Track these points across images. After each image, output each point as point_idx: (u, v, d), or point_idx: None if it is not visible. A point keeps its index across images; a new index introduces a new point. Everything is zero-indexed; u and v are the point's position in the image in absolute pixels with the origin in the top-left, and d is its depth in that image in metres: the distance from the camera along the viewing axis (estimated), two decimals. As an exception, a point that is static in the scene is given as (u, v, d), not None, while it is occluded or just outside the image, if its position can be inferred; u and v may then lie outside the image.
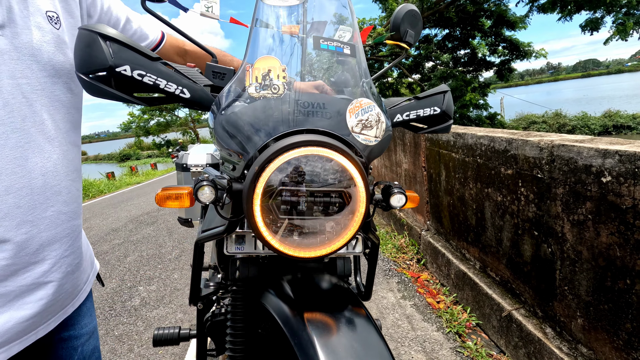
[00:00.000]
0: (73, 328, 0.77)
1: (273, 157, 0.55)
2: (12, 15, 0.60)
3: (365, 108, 0.63)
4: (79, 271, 0.74)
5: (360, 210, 0.59)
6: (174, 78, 0.68)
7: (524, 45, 13.20)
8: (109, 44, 0.64)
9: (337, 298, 0.69)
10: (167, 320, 2.43)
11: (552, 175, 1.41)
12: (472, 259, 2.18)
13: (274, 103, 0.59)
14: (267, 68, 0.60)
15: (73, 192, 0.71)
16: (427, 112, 0.87)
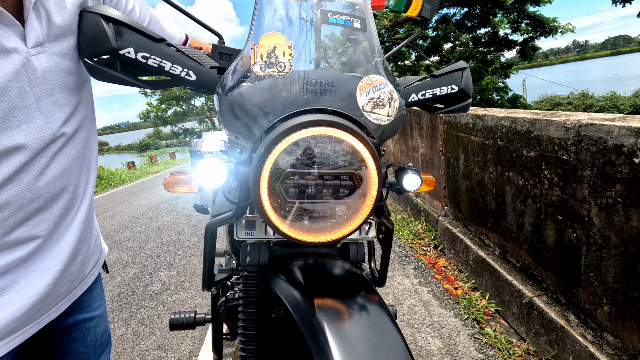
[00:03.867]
0: (85, 311, 0.80)
1: (280, 139, 0.52)
2: (52, 28, 0.60)
3: (377, 85, 0.59)
4: (85, 255, 0.75)
5: (372, 193, 0.57)
6: (179, 60, 0.66)
7: (549, 21, 12.53)
8: (112, 26, 0.62)
9: (349, 284, 0.67)
10: (186, 305, 2.49)
11: (578, 156, 1.33)
12: (492, 245, 2.12)
13: (280, 82, 0.56)
14: (272, 45, 0.57)
15: (82, 186, 0.72)
16: (444, 91, 0.82)
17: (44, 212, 0.63)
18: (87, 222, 0.74)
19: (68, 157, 0.66)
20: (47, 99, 0.60)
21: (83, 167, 0.71)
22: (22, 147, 0.56)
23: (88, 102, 0.72)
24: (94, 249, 0.79)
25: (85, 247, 0.74)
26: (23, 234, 0.61)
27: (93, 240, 0.79)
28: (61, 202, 0.66)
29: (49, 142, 0.61)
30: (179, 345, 2.05)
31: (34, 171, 0.60)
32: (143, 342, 2.12)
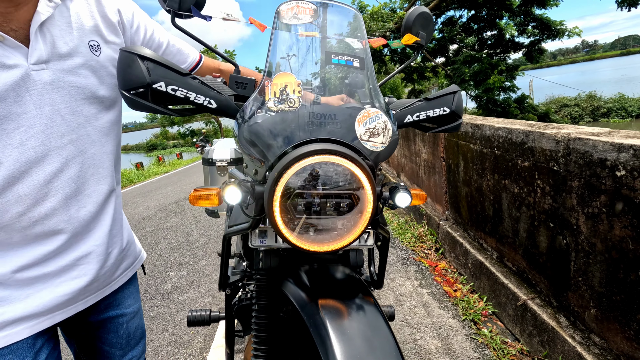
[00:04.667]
0: (118, 308, 0.92)
1: (290, 165, 0.62)
2: (56, 49, 0.70)
3: (373, 117, 0.69)
4: (115, 261, 0.86)
5: (368, 210, 0.66)
6: (202, 90, 0.77)
7: (555, 24, 12.50)
8: (146, 63, 0.73)
9: (349, 287, 0.77)
10: (197, 303, 2.60)
11: (567, 168, 1.42)
12: (489, 249, 2.20)
13: (291, 116, 0.66)
14: (284, 83, 0.68)
15: (106, 192, 0.82)
16: (437, 113, 0.92)
17: (61, 212, 0.72)
18: (113, 228, 0.84)
19: (82, 162, 0.75)
20: (49, 108, 0.69)
21: (100, 174, 0.79)
22: (22, 148, 0.66)
23: (104, 113, 0.80)
24: (125, 253, 0.90)
25: (115, 251, 0.85)
26: (43, 229, 0.71)
27: (124, 245, 0.90)
28: (79, 204, 0.76)
29: (54, 147, 0.70)
30: (190, 342, 2.16)
31: (43, 172, 0.69)
32: (157, 338, 2.24)
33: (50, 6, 0.69)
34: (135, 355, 0.97)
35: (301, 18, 0.73)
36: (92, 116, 0.77)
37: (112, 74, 0.80)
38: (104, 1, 0.79)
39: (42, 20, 0.67)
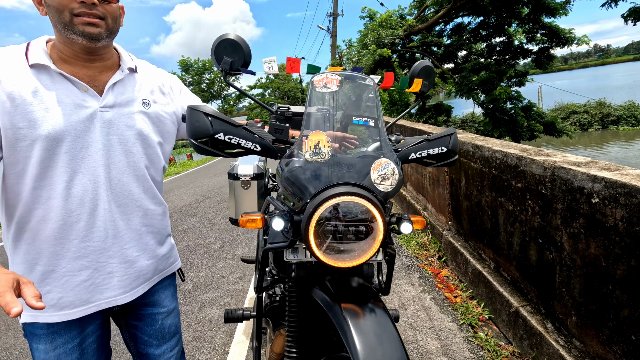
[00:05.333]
0: (155, 307, 1.14)
1: (323, 202, 0.84)
2: (118, 100, 0.99)
3: (384, 165, 0.90)
4: (147, 266, 1.08)
5: (380, 236, 0.88)
6: (250, 137, 1.00)
7: (564, 32, 12.56)
8: (209, 119, 0.96)
9: (363, 294, 0.99)
10: (217, 303, 2.83)
11: (553, 192, 1.62)
12: (488, 259, 2.40)
13: (322, 165, 0.88)
14: (317, 140, 0.89)
15: (151, 209, 1.07)
16: (436, 151, 1.13)
17: (95, 221, 0.96)
18: (120, 233, 1.01)
19: (119, 180, 0.99)
20: (105, 137, 0.96)
21: (122, 192, 1.00)
22: (88, 159, 0.93)
23: (144, 147, 1.04)
24: (157, 261, 1.11)
25: (144, 256, 1.06)
26: (78, 234, 0.94)
27: (157, 252, 1.11)
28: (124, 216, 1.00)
29: (106, 164, 0.96)
30: (213, 337, 2.39)
31: (97, 180, 0.95)
32: (182, 333, 2.47)
33: (122, 75, 1.01)
34: (169, 347, 1.17)
35: (329, 87, 0.95)
36: (133, 147, 1.02)
37: (154, 122, 1.07)
38: (161, 78, 1.13)
39: (114, 82, 0.98)
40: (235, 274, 3.32)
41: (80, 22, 0.87)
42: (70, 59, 0.93)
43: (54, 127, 0.88)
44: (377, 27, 11.74)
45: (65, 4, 0.85)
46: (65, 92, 0.91)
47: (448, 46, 14.27)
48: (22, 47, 0.93)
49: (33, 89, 0.87)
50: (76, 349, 0.99)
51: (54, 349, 0.96)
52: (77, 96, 0.92)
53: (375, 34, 11.55)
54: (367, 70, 11.86)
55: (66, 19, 0.87)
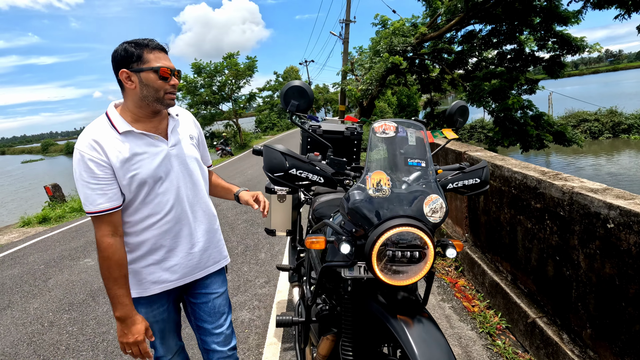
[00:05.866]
0: (207, 289, 1.48)
1: (383, 233, 1.02)
2: (177, 138, 1.36)
3: (434, 200, 1.07)
4: (201, 257, 1.43)
5: (430, 261, 1.05)
6: (315, 171, 1.18)
7: (576, 40, 12.59)
8: (286, 157, 1.15)
9: (411, 305, 1.17)
10: (246, 306, 3.02)
11: (571, 215, 1.77)
12: (505, 272, 2.55)
13: (384, 200, 1.05)
14: (379, 179, 1.07)
15: (209, 211, 1.47)
16: (470, 182, 1.31)
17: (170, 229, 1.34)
18: (194, 233, 1.39)
19: (189, 194, 1.38)
20: (177, 167, 1.34)
21: (192, 202, 1.39)
22: (170, 183, 1.32)
23: (197, 167, 1.42)
24: (211, 252, 1.46)
25: (199, 248, 1.41)
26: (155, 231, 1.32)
27: (210, 245, 1.46)
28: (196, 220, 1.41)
29: (179, 186, 1.34)
30: (246, 338, 2.57)
31: (177, 197, 1.35)
32: (217, 334, 2.65)
33: (174, 121, 1.37)
34: (220, 324, 1.48)
35: (387, 133, 1.13)
36: (193, 168, 1.40)
37: (197, 147, 1.45)
38: (188, 116, 1.48)
39: (171, 128, 1.35)
40: (261, 279, 3.51)
41: (168, 98, 1.26)
42: (141, 118, 1.28)
43: (148, 170, 1.26)
44: (390, 34, 11.90)
45: (162, 86, 1.23)
46: (146, 145, 1.27)
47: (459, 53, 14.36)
48: (105, 120, 1.25)
49: (127, 149, 1.23)
50: (165, 310, 1.41)
51: (152, 311, 1.38)
52: (154, 145, 1.29)
53: (387, 41, 11.71)
54: (379, 77, 12.02)
55: (160, 95, 1.23)
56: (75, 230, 6.55)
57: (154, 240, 1.31)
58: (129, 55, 1.19)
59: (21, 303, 3.66)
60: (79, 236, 6.07)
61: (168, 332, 1.46)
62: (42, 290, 3.91)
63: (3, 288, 4.13)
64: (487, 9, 11.65)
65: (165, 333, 1.45)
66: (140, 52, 1.19)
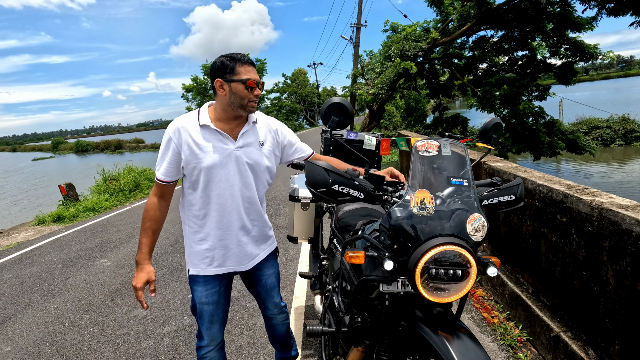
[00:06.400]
0: (259, 271, 1.75)
1: (428, 251, 1.04)
2: (245, 142, 1.54)
3: (477, 219, 1.09)
4: (254, 245, 1.67)
5: (472, 280, 1.07)
6: (355, 187, 1.21)
7: (589, 47, 12.48)
8: (329, 173, 1.17)
9: (446, 317, 1.18)
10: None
11: (600, 231, 1.77)
12: (525, 284, 2.54)
13: (428, 219, 1.07)
14: (422, 197, 1.09)
15: (257, 209, 1.65)
16: (506, 199, 1.32)
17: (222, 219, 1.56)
18: (242, 226, 1.59)
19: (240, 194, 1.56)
20: (235, 167, 1.52)
21: (244, 199, 1.57)
22: (226, 182, 1.52)
23: (255, 174, 1.58)
24: (259, 240, 1.68)
25: (246, 241, 1.62)
26: (221, 225, 1.56)
27: (258, 240, 1.68)
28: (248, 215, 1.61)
29: (233, 184, 1.53)
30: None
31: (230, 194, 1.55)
32: (236, 339, 2.69)
33: (248, 127, 1.55)
34: (272, 296, 1.80)
35: (430, 152, 1.15)
36: (250, 171, 1.56)
37: (265, 155, 1.59)
38: (271, 126, 1.64)
39: (243, 132, 1.54)
40: (277, 284, 3.53)
41: (251, 105, 1.47)
42: (223, 119, 1.51)
43: (210, 162, 1.47)
44: (401, 39, 11.91)
45: (247, 95, 1.44)
46: (217, 140, 1.49)
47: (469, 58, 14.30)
48: (195, 113, 1.51)
49: (200, 140, 1.47)
50: (217, 292, 1.63)
51: (206, 290, 1.61)
52: (223, 142, 1.50)
53: (399, 46, 11.72)
54: (390, 82, 12.02)
55: (245, 103, 1.45)
56: (90, 230, 6.64)
57: (209, 229, 1.54)
58: (224, 67, 1.41)
59: (41, 302, 3.73)
60: (94, 236, 6.16)
61: (216, 318, 1.64)
62: (61, 290, 3.98)
63: (23, 286, 4.21)
64: (500, 15, 11.61)
65: (214, 317, 1.64)
66: (234, 65, 1.41)
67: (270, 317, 1.85)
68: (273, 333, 1.92)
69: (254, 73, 1.44)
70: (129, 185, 10.47)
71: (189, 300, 3.40)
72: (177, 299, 3.46)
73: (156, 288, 1.73)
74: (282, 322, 1.89)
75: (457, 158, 1.19)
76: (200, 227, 1.55)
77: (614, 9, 10.41)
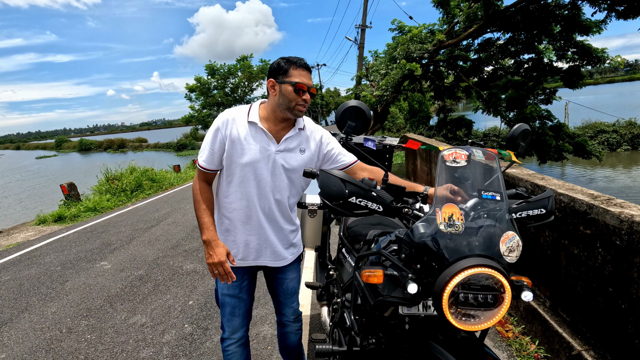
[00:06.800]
0: (283, 274, 1.73)
1: (457, 273, 0.93)
2: (286, 147, 1.53)
3: (511, 238, 0.98)
4: (280, 248, 1.66)
5: (506, 307, 0.96)
6: (374, 199, 1.09)
7: (597, 51, 12.32)
8: (345, 184, 1.06)
9: (470, 343, 1.07)
10: (267, 321, 2.94)
11: (630, 245, 1.66)
12: (542, 297, 2.42)
13: (457, 237, 0.96)
14: (450, 212, 0.98)
15: (287, 215, 1.65)
16: (535, 212, 1.21)
17: (249, 216, 1.58)
18: (268, 226, 1.60)
19: (275, 198, 1.57)
20: (271, 170, 1.52)
21: (273, 201, 1.57)
22: (258, 183, 1.53)
23: (291, 179, 1.58)
24: (285, 242, 1.67)
25: (270, 240, 1.61)
26: (249, 221, 1.58)
27: (282, 242, 1.65)
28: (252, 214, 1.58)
29: (266, 186, 1.53)
30: (269, 356, 2.49)
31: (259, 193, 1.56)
32: (239, 350, 2.57)
33: (294, 132, 1.54)
34: (291, 301, 1.78)
35: (459, 162, 1.04)
36: (285, 176, 1.55)
37: (305, 162, 1.57)
38: (316, 134, 1.61)
39: (288, 136, 1.53)
40: (281, 291, 3.42)
41: (298, 109, 1.46)
42: (270, 119, 1.51)
43: (249, 159, 1.48)
44: (407, 41, 11.79)
45: (295, 99, 1.43)
46: (260, 139, 1.49)
47: (475, 61, 14.16)
48: (246, 108, 1.53)
49: (245, 135, 1.48)
50: (238, 286, 1.65)
51: (226, 282, 1.57)
52: (266, 142, 1.50)
53: (404, 48, 11.61)
54: (395, 83, 11.91)
55: (292, 105, 1.44)
56: (91, 231, 6.56)
57: (236, 222, 1.57)
58: (279, 69, 1.43)
59: (39, 306, 3.63)
60: (94, 237, 6.08)
61: (237, 311, 1.67)
62: (59, 294, 3.88)
63: (21, 289, 4.12)
64: (507, 17, 11.48)
65: (235, 310, 1.66)
66: (288, 67, 1.42)
67: (285, 323, 1.82)
68: (285, 342, 1.86)
69: (306, 78, 1.44)
70: (130, 186, 10.38)
71: (189, 307, 3.29)
72: (178, 305, 3.35)
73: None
74: (296, 331, 1.84)
75: (487, 169, 1.08)
76: (228, 219, 1.58)
77: (623, 11, 10.25)
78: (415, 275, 1.04)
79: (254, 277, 1.75)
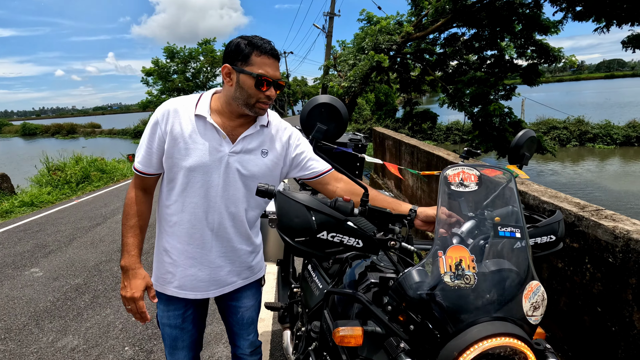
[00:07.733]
0: (237, 301, 1.41)
1: (469, 346, 0.66)
2: (243, 148, 1.22)
3: (535, 290, 0.73)
4: (226, 276, 1.33)
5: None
6: (352, 232, 0.80)
7: (554, 50, 12.85)
8: (312, 213, 0.75)
9: None
10: (223, 340, 2.60)
11: (626, 264, 1.50)
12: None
13: (468, 293, 0.69)
14: (458, 257, 0.71)
15: (243, 230, 1.31)
16: (544, 240, 0.97)
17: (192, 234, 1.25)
18: (216, 247, 1.27)
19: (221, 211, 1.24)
20: (224, 176, 1.21)
21: (226, 214, 1.25)
22: (206, 189, 1.21)
23: (245, 188, 1.26)
24: (239, 266, 1.34)
25: (216, 266, 1.29)
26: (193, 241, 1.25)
27: (236, 263, 1.33)
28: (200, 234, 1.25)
29: (215, 195, 1.22)
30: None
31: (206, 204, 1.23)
32: None
33: (254, 130, 1.24)
34: (247, 332, 1.46)
35: (467, 185, 0.77)
36: (241, 182, 1.24)
37: (268, 167, 1.26)
38: (283, 132, 1.31)
39: (246, 135, 1.22)
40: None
41: (259, 106, 1.17)
42: (225, 112, 1.21)
43: (194, 162, 1.18)
44: (376, 32, 11.59)
45: (256, 94, 1.14)
46: (210, 137, 1.19)
47: (441, 55, 14.31)
48: (194, 98, 1.23)
49: (190, 132, 1.18)
50: (180, 316, 1.34)
51: (168, 311, 1.33)
52: (217, 141, 1.20)
53: (373, 39, 11.41)
54: (363, 74, 11.72)
55: (251, 102, 1.15)
56: (24, 230, 5.79)
57: (176, 241, 1.26)
58: (238, 52, 1.13)
59: (-56, 328, 3.03)
60: (28, 237, 5.35)
61: (180, 344, 1.38)
62: (-27, 311, 3.28)
63: None
64: (473, 13, 11.61)
65: (177, 343, 1.37)
66: (250, 52, 1.12)
67: (240, 357, 1.52)
68: None
69: (272, 68, 1.14)
70: (76, 177, 9.42)
71: (132, 324, 2.87)
72: (119, 322, 2.91)
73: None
74: None
75: (501, 193, 0.81)
76: (168, 235, 1.28)
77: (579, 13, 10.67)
78: (407, 337, 0.76)
79: (203, 302, 1.44)
